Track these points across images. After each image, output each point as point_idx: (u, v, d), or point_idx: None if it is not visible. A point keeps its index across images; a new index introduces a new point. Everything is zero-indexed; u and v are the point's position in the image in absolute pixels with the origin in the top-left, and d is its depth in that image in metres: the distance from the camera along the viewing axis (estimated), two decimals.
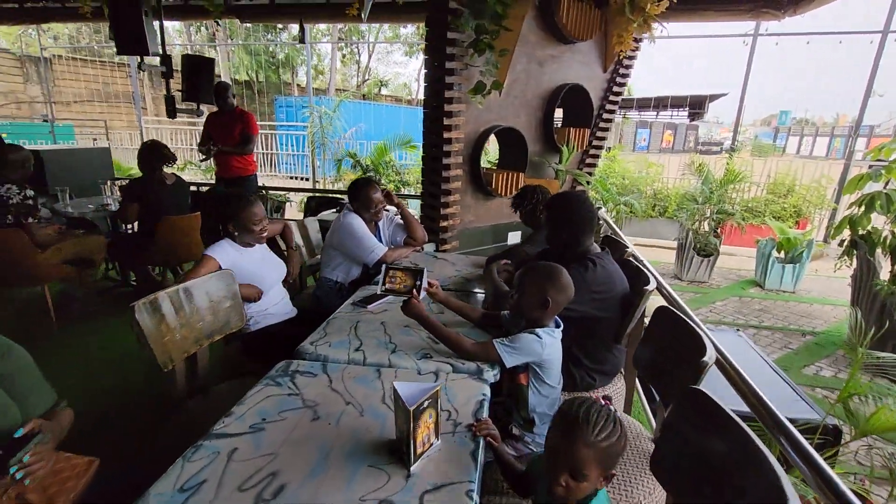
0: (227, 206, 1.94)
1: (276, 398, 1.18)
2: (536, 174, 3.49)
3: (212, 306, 1.69)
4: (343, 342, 1.50)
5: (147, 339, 1.38)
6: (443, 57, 2.64)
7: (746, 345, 3.11)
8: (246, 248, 1.99)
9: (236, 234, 1.94)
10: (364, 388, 1.24)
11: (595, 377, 1.79)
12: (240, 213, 1.91)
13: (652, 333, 1.59)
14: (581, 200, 1.82)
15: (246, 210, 1.92)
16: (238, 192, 2.00)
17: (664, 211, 7.78)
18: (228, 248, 1.91)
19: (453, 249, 3.08)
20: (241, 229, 1.93)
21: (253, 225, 1.93)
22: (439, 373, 1.32)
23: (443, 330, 1.44)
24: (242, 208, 1.92)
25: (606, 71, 3.62)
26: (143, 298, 1.43)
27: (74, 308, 3.46)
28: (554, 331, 1.37)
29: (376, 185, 2.43)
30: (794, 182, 7.65)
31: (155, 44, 3.92)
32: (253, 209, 1.94)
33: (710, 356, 1.19)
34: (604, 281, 1.69)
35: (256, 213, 1.95)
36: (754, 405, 1.11)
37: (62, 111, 13.00)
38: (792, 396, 2.55)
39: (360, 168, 8.32)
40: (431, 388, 0.98)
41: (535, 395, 1.37)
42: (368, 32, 19.76)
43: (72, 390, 1.37)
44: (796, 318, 4.76)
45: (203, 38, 16.93)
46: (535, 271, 1.38)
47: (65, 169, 4.46)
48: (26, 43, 14.83)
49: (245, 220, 1.92)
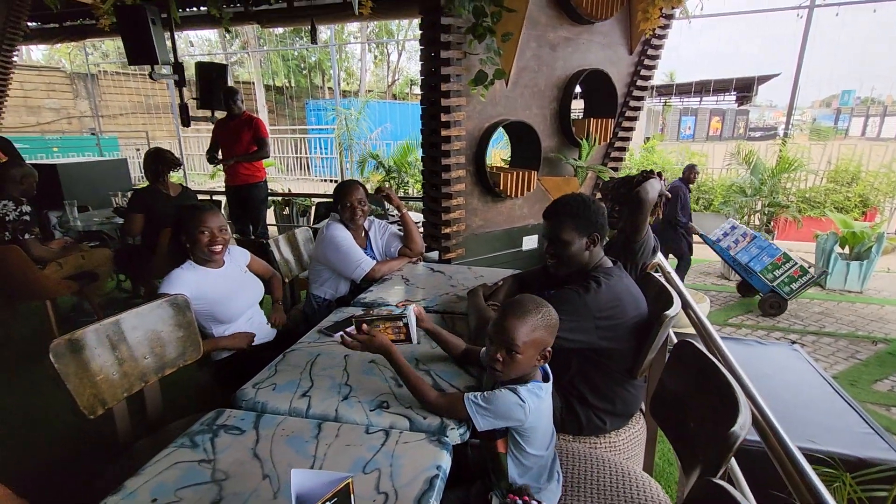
0: (180, 215, 1.77)
1: (182, 466, 0.97)
2: (553, 172, 3.15)
3: (161, 338, 1.51)
4: (291, 384, 1.27)
5: (66, 382, 1.20)
6: (437, 46, 2.36)
7: (804, 362, 2.65)
8: (209, 268, 1.80)
9: (188, 245, 1.76)
10: (293, 453, 1.00)
11: (605, 419, 1.48)
12: (188, 221, 1.73)
13: (672, 373, 1.26)
14: (586, 202, 1.51)
15: (193, 218, 1.73)
16: (196, 203, 1.83)
17: (709, 205, 7.14)
18: (187, 275, 1.72)
19: (459, 258, 2.80)
20: (189, 240, 1.74)
21: (199, 233, 1.72)
22: (391, 431, 1.07)
23: (409, 373, 1.18)
24: (191, 216, 1.73)
25: (633, 53, 3.22)
26: (66, 335, 1.25)
27: (82, 322, 3.45)
28: (541, 387, 1.08)
29: (358, 186, 2.20)
30: (858, 168, 6.82)
31: (165, 52, 3.89)
32: (202, 215, 1.74)
33: (744, 422, 0.87)
34: (610, 304, 1.38)
35: (205, 220, 1.74)
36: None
37: (108, 124, 13.66)
38: (862, 429, 2.10)
39: (382, 169, 8.18)
40: (339, 481, 0.72)
41: (517, 464, 1.09)
42: (398, 31, 19.70)
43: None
44: (864, 323, 4.17)
45: (238, 47, 17.38)
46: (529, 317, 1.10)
47: (81, 182, 4.51)
48: (79, 60, 15.71)
49: (191, 228, 1.72)
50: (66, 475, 2.06)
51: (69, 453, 2.20)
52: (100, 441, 2.23)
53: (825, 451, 1.81)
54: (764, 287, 4.34)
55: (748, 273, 4.47)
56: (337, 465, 0.96)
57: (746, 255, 4.49)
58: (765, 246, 4.47)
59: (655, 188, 1.80)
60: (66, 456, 2.18)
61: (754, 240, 4.56)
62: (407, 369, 1.19)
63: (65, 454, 2.19)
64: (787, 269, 4.28)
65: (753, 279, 4.43)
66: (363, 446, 1.02)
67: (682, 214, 4.65)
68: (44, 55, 18.37)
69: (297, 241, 2.55)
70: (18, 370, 2.87)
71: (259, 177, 4.28)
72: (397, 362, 1.20)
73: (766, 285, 4.32)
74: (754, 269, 4.38)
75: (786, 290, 4.25)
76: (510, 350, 1.06)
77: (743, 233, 4.68)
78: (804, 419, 2.07)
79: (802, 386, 2.41)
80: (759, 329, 4.07)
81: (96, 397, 1.29)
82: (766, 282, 4.30)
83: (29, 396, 2.61)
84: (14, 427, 2.35)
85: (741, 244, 4.59)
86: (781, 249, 4.40)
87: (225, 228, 1.80)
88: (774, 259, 4.34)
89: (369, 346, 1.23)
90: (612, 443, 1.48)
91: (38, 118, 12.55)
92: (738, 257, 4.53)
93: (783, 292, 4.25)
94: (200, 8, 5.69)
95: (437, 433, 1.07)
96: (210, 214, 1.76)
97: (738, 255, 4.53)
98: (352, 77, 20.89)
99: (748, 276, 4.48)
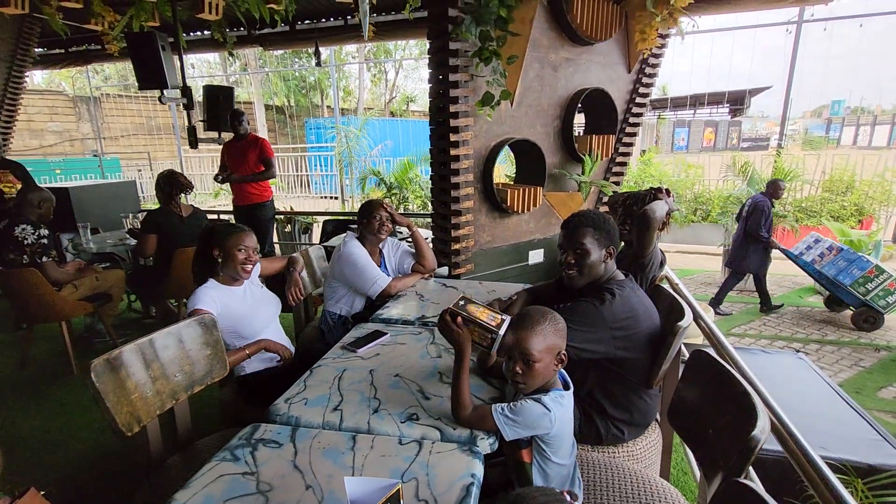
0: (216, 232, 1.85)
1: (227, 478, 1.01)
2: (557, 188, 3.23)
3: (190, 356, 1.56)
4: (322, 398, 1.32)
5: (105, 401, 1.25)
6: (446, 69, 2.46)
7: (810, 371, 2.70)
8: (232, 286, 1.86)
9: (220, 261, 1.82)
10: (331, 464, 1.05)
11: (623, 429, 1.52)
12: (226, 238, 1.81)
13: (688, 383, 1.31)
14: (603, 217, 1.58)
15: (233, 236, 1.82)
16: (232, 223, 1.92)
17: (707, 215, 7.25)
18: (212, 293, 1.78)
19: (468, 273, 2.86)
20: (224, 256, 1.82)
21: (237, 251, 1.81)
22: (423, 441, 1.11)
23: (464, 380, 1.20)
24: (230, 234, 1.82)
25: (631, 71, 3.34)
26: (105, 354, 1.30)
27: (96, 343, 3.49)
28: (563, 395, 1.14)
29: (383, 205, 2.29)
30: (853, 177, 6.95)
31: (174, 76, 4.00)
32: (241, 235, 1.84)
33: (764, 426, 0.92)
34: (625, 315, 1.43)
35: (243, 239, 1.84)
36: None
37: (110, 146, 13.80)
38: (871, 436, 2.15)
39: (384, 185, 8.28)
40: (390, 487, 0.77)
41: (541, 474, 1.13)
42: (395, 50, 20.06)
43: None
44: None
45: (238, 69, 17.65)
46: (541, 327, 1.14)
47: (91, 204, 4.57)
48: (80, 83, 15.93)
49: (230, 246, 1.81)
50: (98, 496, 2.09)
51: (97, 474, 2.21)
52: (127, 460, 2.26)
53: (836, 457, 1.85)
54: (855, 301, 4.19)
55: (836, 287, 4.30)
56: (375, 475, 1.00)
57: (834, 269, 4.31)
58: (854, 259, 4.27)
59: (663, 208, 1.87)
60: (93, 477, 2.20)
61: (841, 252, 4.37)
62: (464, 375, 1.21)
63: (92, 475, 2.21)
64: (881, 281, 4.09)
65: (842, 293, 4.26)
66: (398, 457, 1.06)
67: (765, 230, 4.44)
68: (44, 79, 18.60)
69: (311, 259, 2.61)
70: (38, 392, 2.90)
71: (266, 196, 4.35)
72: (462, 366, 1.21)
73: (857, 299, 4.16)
74: (843, 283, 4.21)
75: (881, 304, 4.07)
76: (527, 361, 1.12)
77: (829, 246, 4.50)
78: (815, 427, 2.11)
79: (810, 394, 2.46)
80: (762, 339, 4.12)
81: (132, 415, 1.33)
82: (858, 295, 4.13)
83: (50, 418, 2.63)
84: (36, 450, 2.37)
85: (827, 258, 4.41)
86: (873, 262, 4.20)
87: (257, 249, 1.88)
88: (866, 272, 4.15)
89: (455, 337, 1.24)
90: (630, 452, 1.52)
91: (41, 141, 12.68)
92: (825, 271, 4.35)
93: (878, 306, 4.08)
94: (204, 32, 5.83)
95: (467, 443, 1.12)
96: (247, 235, 1.85)
97: (825, 269, 4.36)
98: (350, 95, 21.18)
99: (836, 290, 4.32)
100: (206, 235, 1.88)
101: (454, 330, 1.23)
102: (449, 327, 1.24)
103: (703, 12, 3.53)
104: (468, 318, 1.24)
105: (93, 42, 6.07)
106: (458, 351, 1.23)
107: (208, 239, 1.85)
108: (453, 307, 1.25)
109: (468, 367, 1.23)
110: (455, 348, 1.24)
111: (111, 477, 2.19)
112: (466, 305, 1.26)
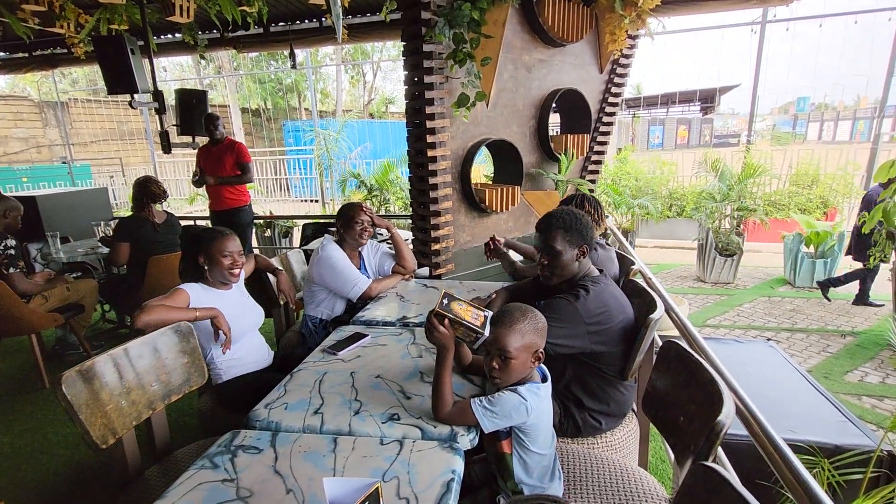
0: (199, 239, 1.84)
1: (207, 487, 1.01)
2: (535, 187, 3.28)
3: (166, 365, 1.54)
4: (302, 402, 1.32)
5: (78, 413, 1.22)
6: (421, 71, 2.47)
7: (780, 358, 2.80)
8: (219, 290, 1.85)
9: (206, 267, 1.81)
10: (312, 468, 1.05)
11: (600, 420, 1.56)
12: (210, 243, 1.80)
13: (660, 373, 1.35)
14: (576, 216, 1.62)
15: (217, 241, 1.81)
16: (215, 227, 1.90)
17: (682, 211, 7.42)
18: (199, 290, 1.79)
19: (449, 273, 2.88)
20: (210, 262, 1.80)
21: (222, 256, 1.80)
22: (404, 441, 1.12)
23: (445, 379, 1.21)
24: (213, 240, 1.81)
25: (603, 72, 3.41)
26: (76, 366, 1.28)
27: (69, 355, 3.39)
28: (539, 387, 1.16)
29: (363, 208, 2.28)
30: (817, 171, 7.21)
31: (145, 80, 3.91)
32: (225, 240, 1.83)
33: (729, 411, 0.96)
34: (599, 310, 1.47)
35: (227, 244, 1.82)
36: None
37: (80, 152, 13.37)
38: (836, 418, 2.24)
39: (364, 188, 8.24)
40: (369, 486, 0.78)
41: (521, 464, 1.16)
42: (373, 52, 19.98)
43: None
44: (833, 318, 4.39)
45: (212, 71, 17.32)
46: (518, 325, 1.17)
47: (61, 212, 4.43)
48: (46, 87, 15.40)
49: (214, 250, 1.79)
50: None
51: (72, 488, 2.16)
52: (103, 472, 2.20)
53: (804, 440, 1.93)
54: None
55: None
56: (356, 476, 1.01)
57: None
58: None
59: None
60: (69, 490, 2.15)
61: None
62: (447, 375, 1.22)
63: (67, 490, 2.15)
64: None
65: None
66: (379, 457, 1.07)
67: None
68: (7, 83, 17.97)
69: (290, 263, 2.59)
70: (8, 408, 2.80)
71: (244, 201, 4.29)
72: (444, 365, 1.22)
73: None
74: None
75: None
76: (504, 357, 1.14)
77: None
78: (783, 411, 2.20)
79: (780, 380, 2.55)
80: (736, 328, 4.25)
81: (107, 427, 1.31)
82: None
83: (21, 434, 2.55)
84: (8, 467, 2.30)
85: None
86: None
87: (242, 253, 1.87)
88: None
89: (437, 337, 1.24)
90: (609, 442, 1.56)
91: (6, 148, 12.23)
92: None
93: None
94: (176, 35, 5.72)
95: (448, 440, 1.13)
96: (231, 239, 1.83)
97: None
98: (328, 97, 21.01)
99: None
100: (189, 244, 1.86)
101: (441, 332, 1.24)
102: (437, 330, 1.24)
103: (671, 14, 3.63)
104: (454, 319, 1.24)
105: (58, 45, 5.89)
106: (440, 352, 1.25)
107: (192, 247, 1.84)
108: (439, 309, 1.25)
109: (451, 365, 1.25)
110: (438, 348, 1.25)
111: (87, 491, 2.13)
112: (450, 304, 1.27)
